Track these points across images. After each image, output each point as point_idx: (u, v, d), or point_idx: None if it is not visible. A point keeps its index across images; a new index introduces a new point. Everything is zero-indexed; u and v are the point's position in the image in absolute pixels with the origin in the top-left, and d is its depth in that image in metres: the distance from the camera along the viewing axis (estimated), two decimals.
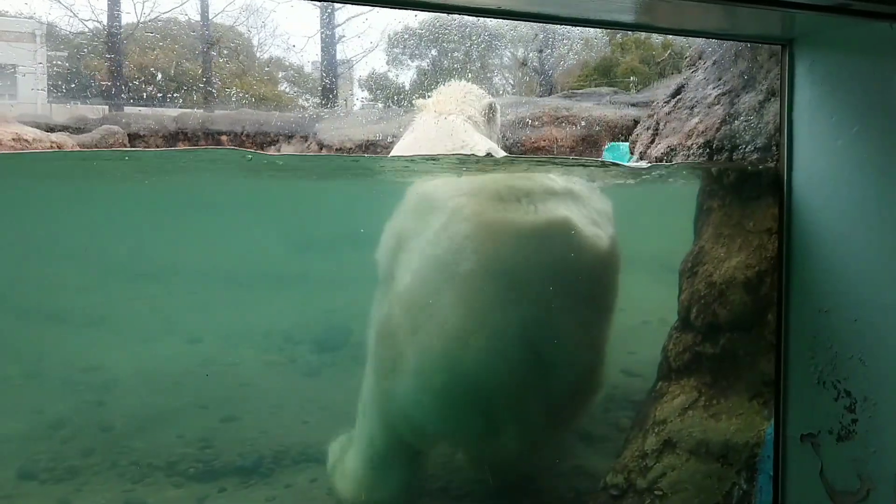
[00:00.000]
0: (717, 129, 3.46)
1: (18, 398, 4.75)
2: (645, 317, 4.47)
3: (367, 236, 5.67)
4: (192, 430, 4.37)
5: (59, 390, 4.88)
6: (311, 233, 5.94)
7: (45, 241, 5.64)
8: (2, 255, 5.38)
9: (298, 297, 5.38)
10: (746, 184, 3.26)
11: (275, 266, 5.76)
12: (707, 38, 3.59)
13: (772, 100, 3.27)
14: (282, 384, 4.67)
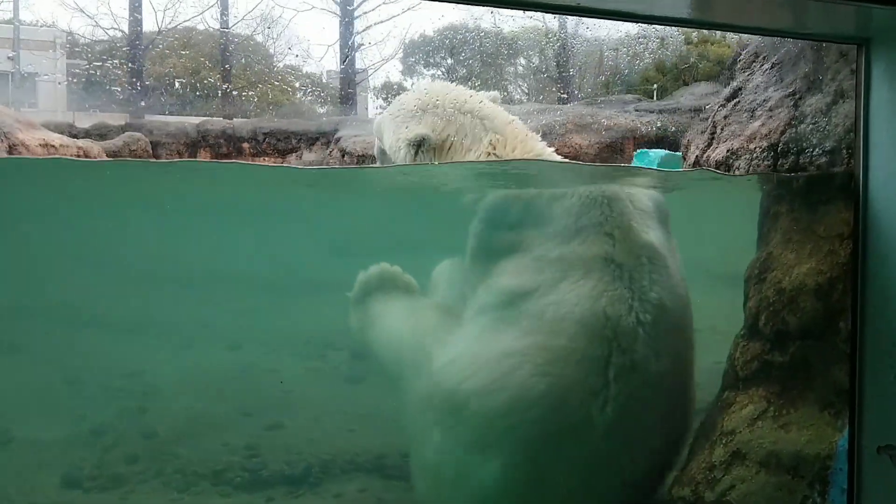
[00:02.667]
0: (782, 133, 3.38)
1: (60, 404, 4.70)
2: (696, 325, 4.38)
3: (406, 243, 5.61)
4: (237, 438, 4.30)
5: (100, 396, 4.83)
6: (349, 238, 5.87)
7: (83, 247, 5.60)
8: (41, 261, 5.36)
9: (339, 303, 5.32)
10: (816, 188, 3.17)
11: (314, 272, 5.69)
12: (772, 36, 3.51)
13: (840, 102, 3.18)
14: (325, 392, 4.60)
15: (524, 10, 2.47)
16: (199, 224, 5.54)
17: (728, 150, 3.63)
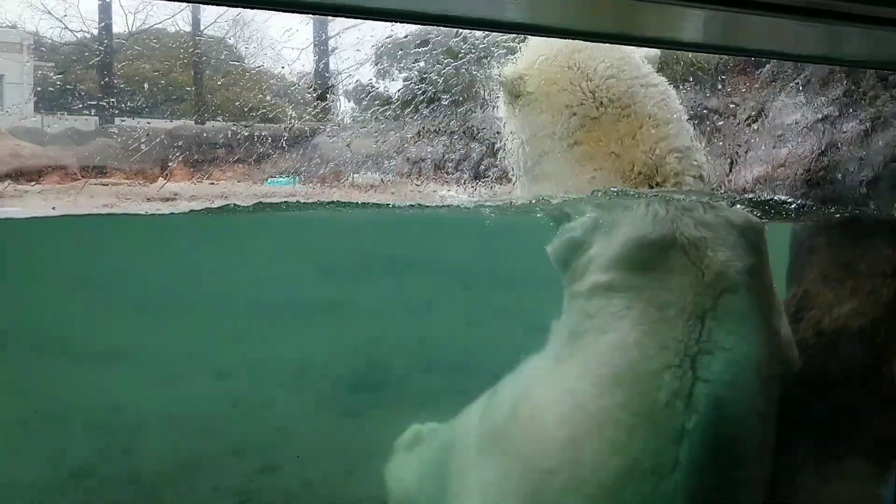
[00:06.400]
0: (815, 160, 3.16)
1: (38, 442, 4.41)
2: None
3: (401, 262, 5.37)
4: (228, 481, 4.03)
5: (80, 434, 4.54)
6: (339, 257, 5.62)
7: (59, 271, 5.31)
8: (13, 286, 5.07)
9: (331, 328, 5.06)
10: (857, 221, 2.96)
11: (303, 294, 5.44)
12: (808, 62, 3.29)
13: (879, 129, 2.98)
14: (320, 429, 4.33)
15: (535, 34, 2.24)
16: (181, 245, 5.27)
17: (755, 178, 3.41)
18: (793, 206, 3.14)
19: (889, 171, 2.88)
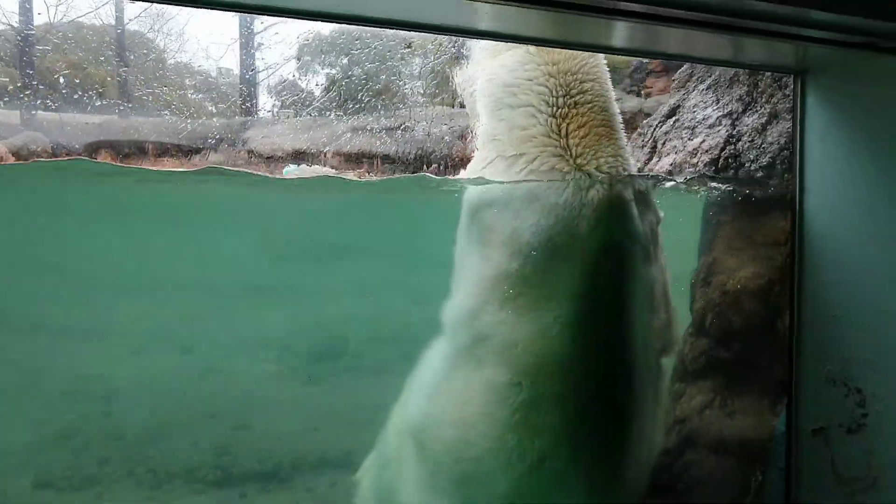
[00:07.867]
0: (722, 149, 3.71)
1: (18, 408, 4.69)
2: None
3: (351, 247, 5.74)
4: (206, 438, 4.42)
5: (60, 401, 4.83)
6: (287, 242, 5.95)
7: (22, 253, 5.53)
8: None
9: (290, 307, 5.43)
10: (756, 199, 3.52)
11: (260, 277, 5.77)
12: (716, 65, 3.84)
13: (774, 122, 3.53)
14: (286, 394, 4.74)
15: (474, 38, 2.67)
16: (140, 229, 5.53)
17: (671, 164, 3.96)
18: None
19: (781, 158, 3.44)
